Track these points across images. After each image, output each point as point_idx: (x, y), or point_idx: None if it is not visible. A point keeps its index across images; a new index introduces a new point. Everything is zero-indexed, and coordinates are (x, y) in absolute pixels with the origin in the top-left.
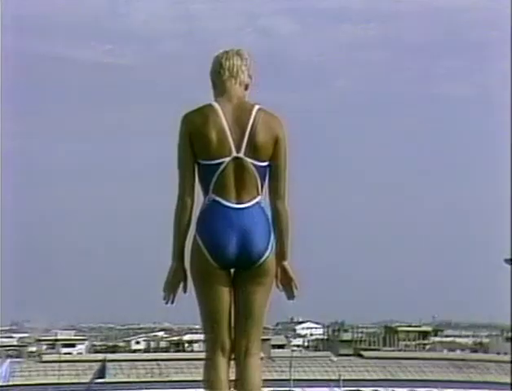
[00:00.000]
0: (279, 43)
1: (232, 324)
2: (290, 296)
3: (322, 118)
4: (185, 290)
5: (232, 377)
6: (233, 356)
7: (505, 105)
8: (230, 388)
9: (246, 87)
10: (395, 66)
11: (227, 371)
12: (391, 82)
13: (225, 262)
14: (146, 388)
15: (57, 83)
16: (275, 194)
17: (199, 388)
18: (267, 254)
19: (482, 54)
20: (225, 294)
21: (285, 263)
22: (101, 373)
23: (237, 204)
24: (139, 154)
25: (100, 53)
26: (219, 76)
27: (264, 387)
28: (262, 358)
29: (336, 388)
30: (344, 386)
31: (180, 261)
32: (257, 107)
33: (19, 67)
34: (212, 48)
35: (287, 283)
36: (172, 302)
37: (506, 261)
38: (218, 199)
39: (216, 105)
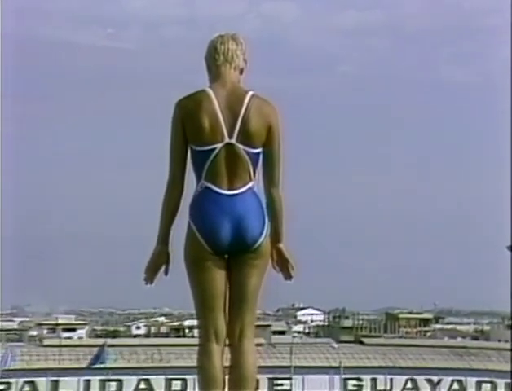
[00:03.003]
0: (282, 29)
1: (227, 310)
2: (287, 277)
3: (324, 103)
4: (166, 273)
5: (227, 364)
6: (227, 341)
7: (507, 91)
8: (224, 375)
9: (241, 72)
10: (397, 52)
11: (221, 358)
12: (394, 68)
13: (219, 248)
14: (146, 374)
15: (58, 67)
16: (269, 181)
17: None
18: (261, 239)
19: (484, 40)
20: (219, 280)
21: (281, 245)
22: (97, 359)
23: (229, 190)
24: (139, 139)
25: (101, 37)
26: (214, 60)
27: (264, 373)
28: (262, 345)
29: (336, 376)
30: (344, 373)
31: (164, 245)
32: (250, 93)
33: (20, 51)
34: (214, 33)
35: (283, 265)
36: (151, 283)
37: (508, 248)
38: (210, 185)
39: (209, 91)
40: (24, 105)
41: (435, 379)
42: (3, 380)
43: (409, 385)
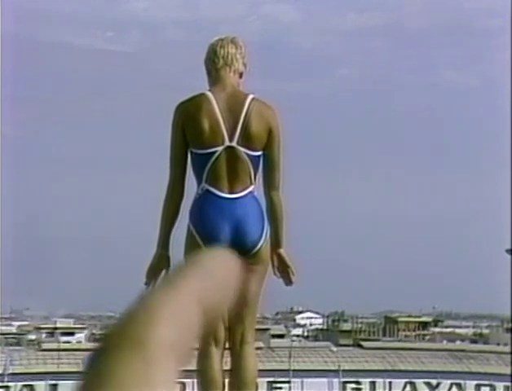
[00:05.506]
0: (282, 31)
1: (226, 314)
2: (288, 282)
3: (324, 105)
4: None
5: (227, 367)
6: (228, 345)
7: (507, 93)
8: (224, 379)
9: (241, 75)
10: (397, 54)
11: (220, 361)
12: (394, 71)
13: None
14: None
15: (57, 70)
16: (269, 184)
17: None
18: (260, 243)
19: (484, 42)
20: None
21: (281, 251)
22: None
23: (230, 193)
24: (139, 142)
25: (101, 40)
26: (214, 64)
27: (263, 377)
28: (261, 348)
29: (335, 379)
30: (343, 376)
31: (164, 249)
32: (250, 96)
33: (19, 53)
34: (214, 36)
35: (284, 270)
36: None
37: (507, 251)
38: (210, 188)
39: (209, 94)
40: (23, 107)
41: (434, 382)
42: (2, 384)
43: (408, 388)
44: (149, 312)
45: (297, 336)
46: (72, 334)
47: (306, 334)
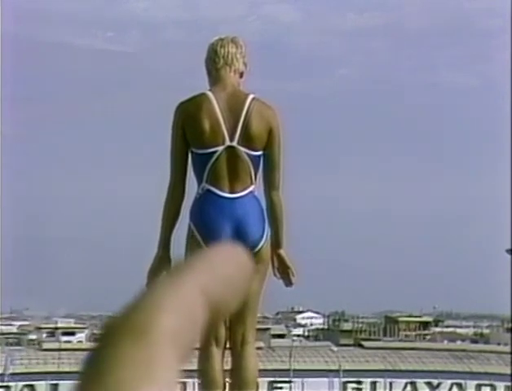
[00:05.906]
0: (282, 31)
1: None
2: (288, 283)
3: (324, 106)
4: None
5: (227, 367)
6: (228, 345)
7: (507, 94)
8: (224, 378)
9: (241, 75)
10: (397, 54)
11: (221, 361)
12: (394, 71)
13: None
14: None
15: (57, 70)
16: (269, 184)
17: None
18: (261, 243)
19: (485, 42)
20: None
21: (281, 251)
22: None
23: (230, 193)
24: (139, 142)
25: (101, 40)
26: (214, 64)
27: (263, 377)
28: (261, 348)
29: (335, 379)
30: (344, 376)
31: (166, 250)
32: (251, 96)
33: (19, 53)
34: (214, 36)
35: (284, 271)
36: None
37: (507, 251)
38: (211, 188)
39: (209, 94)
40: (23, 107)
41: (435, 382)
42: (2, 384)
43: (409, 388)
44: (152, 302)
45: (298, 335)
46: (72, 334)
47: (306, 334)
